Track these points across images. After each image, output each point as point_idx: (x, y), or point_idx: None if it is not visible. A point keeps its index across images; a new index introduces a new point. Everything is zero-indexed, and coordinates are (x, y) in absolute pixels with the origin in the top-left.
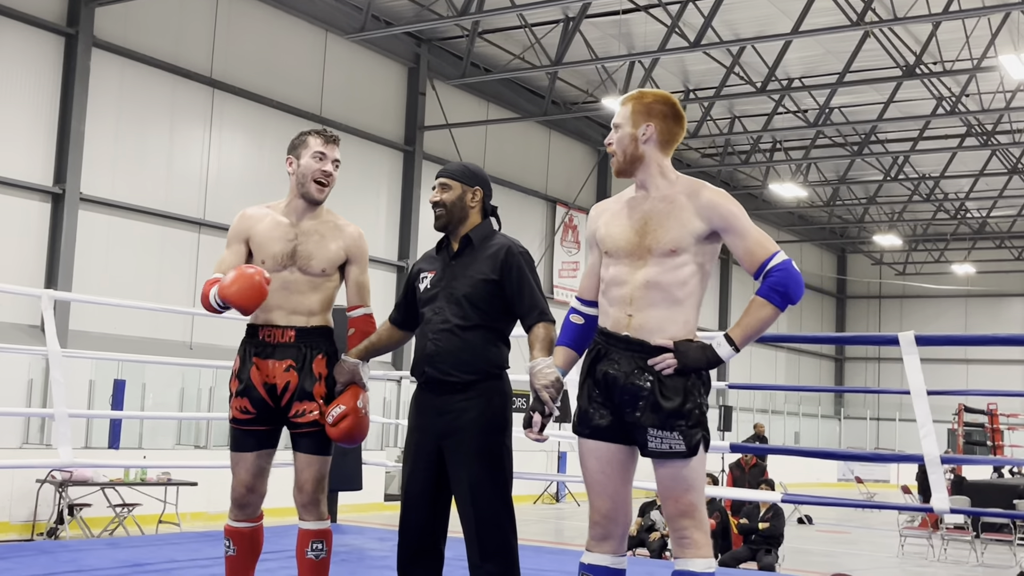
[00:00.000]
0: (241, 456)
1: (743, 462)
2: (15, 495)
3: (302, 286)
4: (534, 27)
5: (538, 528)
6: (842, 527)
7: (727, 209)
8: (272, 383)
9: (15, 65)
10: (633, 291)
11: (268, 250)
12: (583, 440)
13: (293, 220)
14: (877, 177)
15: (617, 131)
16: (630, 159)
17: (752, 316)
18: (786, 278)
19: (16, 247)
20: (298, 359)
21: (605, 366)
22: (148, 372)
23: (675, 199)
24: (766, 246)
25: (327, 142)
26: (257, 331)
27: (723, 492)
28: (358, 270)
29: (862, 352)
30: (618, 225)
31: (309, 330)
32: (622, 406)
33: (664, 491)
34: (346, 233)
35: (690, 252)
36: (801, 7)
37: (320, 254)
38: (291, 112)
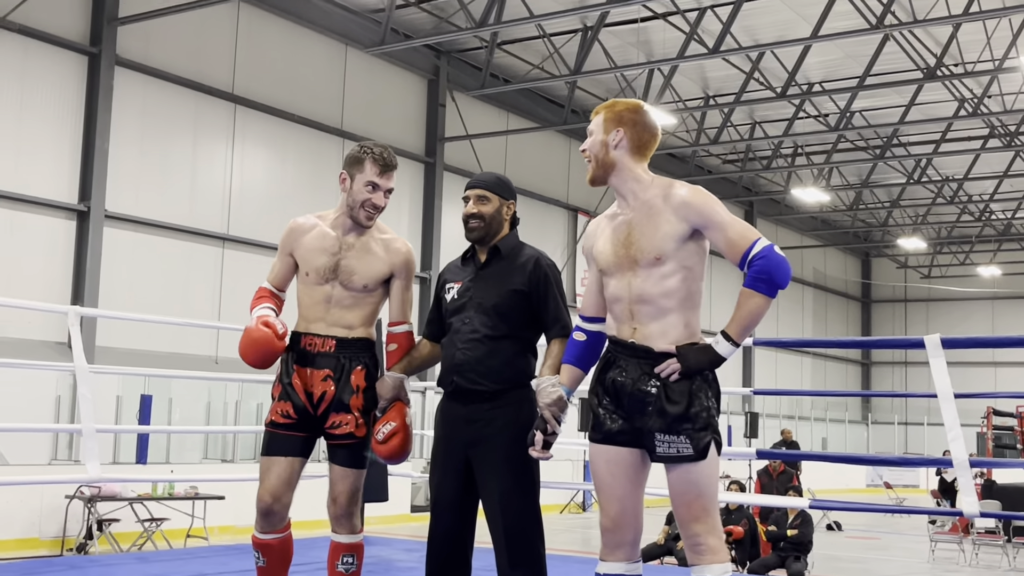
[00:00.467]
0: (273, 460)
1: (771, 468)
2: (44, 511)
3: (344, 300)
4: (552, 37)
5: (565, 537)
6: (872, 533)
7: (702, 203)
8: (310, 391)
9: (40, 85)
10: (631, 306)
11: (312, 263)
12: (594, 444)
13: (340, 234)
14: (900, 180)
15: (590, 139)
16: (602, 165)
17: (743, 309)
18: (768, 265)
19: (43, 265)
20: (336, 369)
21: (613, 373)
22: (174, 387)
23: (653, 204)
24: (746, 235)
25: (383, 172)
26: (300, 339)
27: (751, 499)
28: (402, 286)
29: (889, 356)
30: (605, 241)
31: (350, 341)
32: (632, 411)
33: (675, 496)
34: (393, 248)
35: (675, 258)
36: (820, 11)
37: (363, 270)
38: (312, 126)
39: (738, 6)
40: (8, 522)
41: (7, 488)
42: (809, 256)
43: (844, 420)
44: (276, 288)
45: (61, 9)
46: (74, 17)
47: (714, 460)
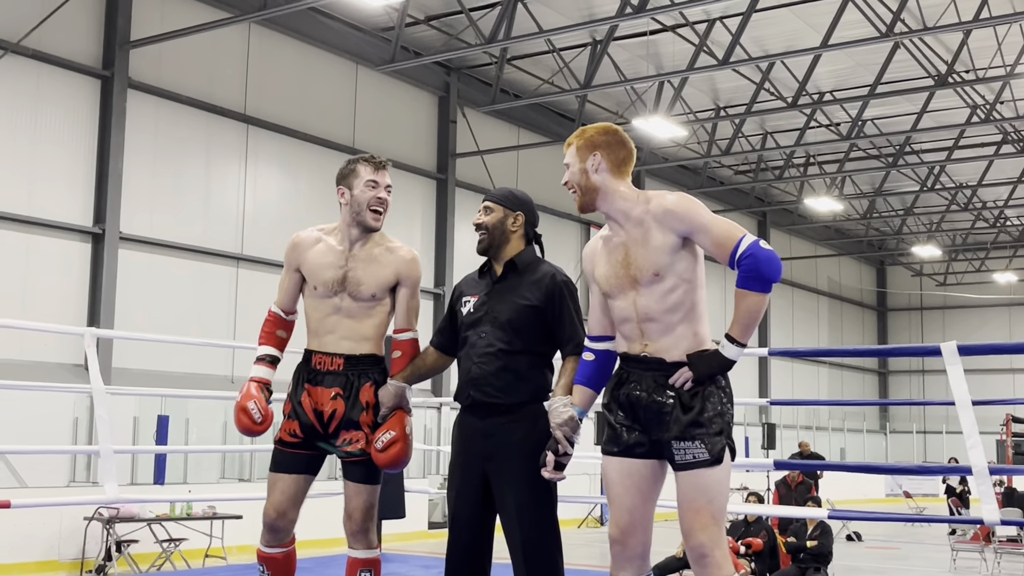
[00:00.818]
0: (280, 477)
1: (789, 479)
2: (63, 533)
3: (354, 311)
4: (562, 51)
5: (583, 552)
6: (892, 543)
7: (684, 209)
8: (320, 410)
9: (54, 109)
10: (640, 324)
11: (319, 277)
12: (608, 457)
13: (345, 246)
14: (913, 188)
15: (569, 169)
16: (587, 192)
17: (741, 309)
18: (755, 263)
19: (58, 287)
20: (345, 387)
21: (628, 388)
22: (191, 407)
23: (643, 220)
24: (732, 233)
25: (377, 169)
26: (311, 357)
27: (769, 510)
28: (408, 293)
29: (906, 365)
30: (605, 264)
31: (358, 358)
32: (649, 424)
33: (683, 502)
34: (398, 256)
35: (673, 271)
36: (829, 21)
37: (370, 280)
38: (324, 145)
39: (747, 17)
40: (28, 544)
41: (26, 510)
42: (823, 265)
43: (862, 430)
44: (285, 311)
45: (73, 33)
46: (86, 41)
47: (726, 468)
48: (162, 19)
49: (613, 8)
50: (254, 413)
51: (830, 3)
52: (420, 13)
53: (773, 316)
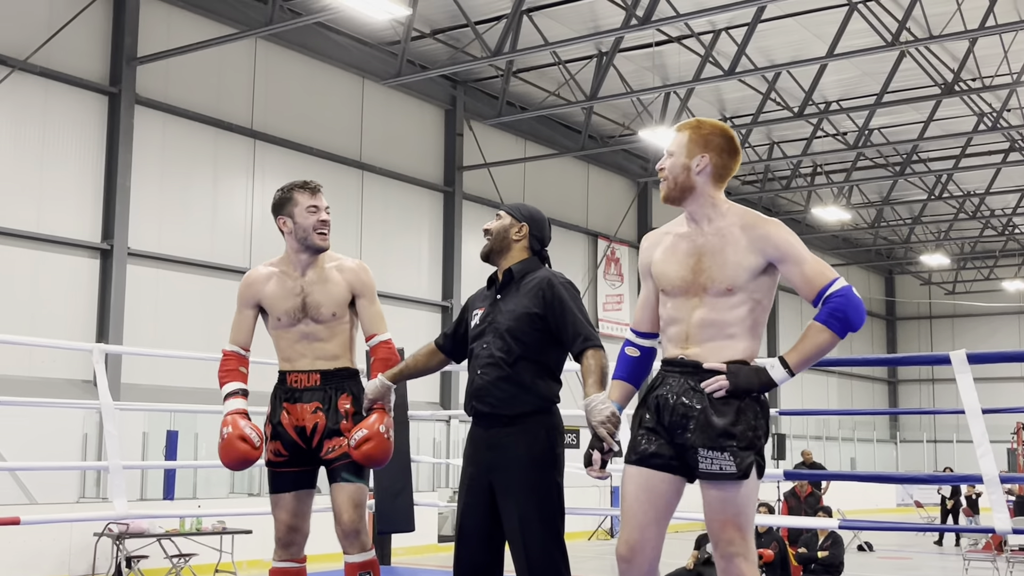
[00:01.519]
0: (279, 497)
1: (798, 490)
2: (74, 549)
3: (320, 333)
4: (568, 63)
5: (594, 564)
6: (904, 553)
7: (781, 239)
8: (301, 425)
9: (62, 125)
10: (688, 328)
11: (280, 308)
12: (628, 467)
13: (298, 273)
14: (921, 196)
15: (670, 158)
16: (681, 188)
17: (810, 341)
18: (846, 304)
19: (67, 303)
20: (324, 400)
21: (660, 391)
22: (200, 422)
23: (728, 233)
24: (825, 272)
25: (314, 194)
26: (285, 377)
27: (780, 520)
28: (366, 301)
29: (915, 374)
30: (672, 263)
31: (333, 372)
32: (673, 428)
33: (710, 515)
34: (346, 269)
35: (746, 290)
36: (835, 30)
37: (327, 300)
38: (332, 159)
39: (753, 27)
40: (38, 560)
41: (36, 527)
42: None
43: (872, 440)
44: (241, 348)
45: (81, 51)
46: (94, 58)
47: (754, 483)
48: (169, 35)
49: (618, 20)
50: (253, 438)
51: (836, 13)
52: (426, 27)
53: (782, 326)
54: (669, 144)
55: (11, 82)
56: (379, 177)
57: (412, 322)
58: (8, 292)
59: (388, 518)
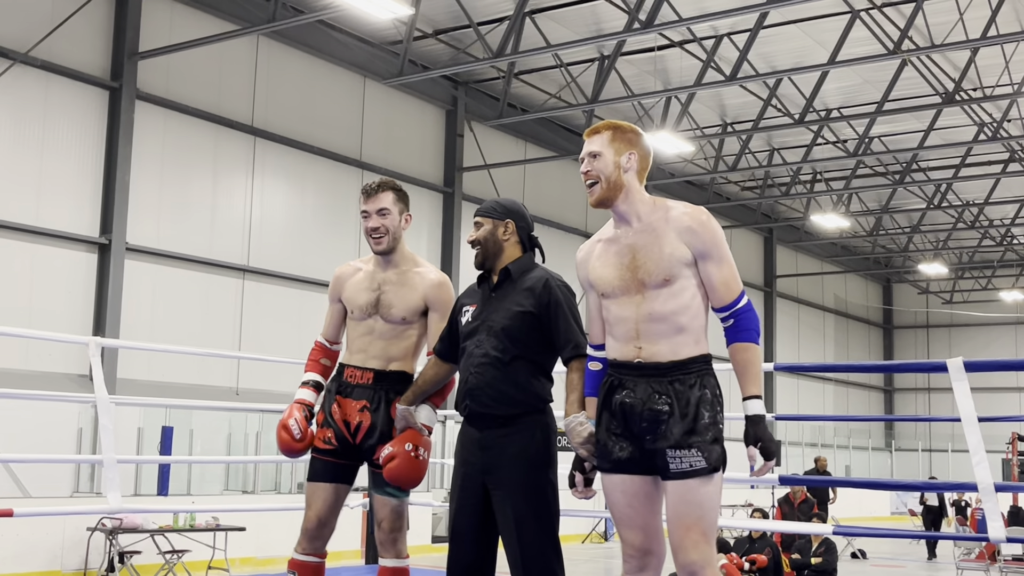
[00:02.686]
0: (318, 486)
1: (791, 497)
2: (66, 544)
3: (385, 333)
4: (569, 66)
5: (588, 568)
6: (898, 561)
7: (708, 234)
8: (348, 420)
9: (62, 119)
10: (637, 325)
11: (356, 301)
12: (606, 475)
13: (378, 272)
14: (920, 205)
15: (597, 159)
16: (613, 187)
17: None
18: (753, 317)
19: (64, 298)
20: (372, 400)
21: (620, 396)
22: (195, 418)
23: (656, 227)
24: (738, 280)
25: (367, 198)
26: (343, 370)
27: (774, 525)
28: (438, 317)
29: (912, 383)
30: (608, 265)
31: (387, 374)
32: (642, 434)
33: (674, 517)
34: (426, 280)
35: (683, 277)
36: (837, 37)
37: (400, 303)
38: (331, 158)
39: (755, 33)
40: (31, 554)
41: (29, 520)
42: (830, 282)
43: (867, 447)
44: (329, 341)
45: (82, 44)
46: (95, 52)
47: (719, 481)
48: (170, 31)
49: (621, 23)
50: (294, 430)
51: (838, 20)
52: (428, 27)
53: (779, 332)
54: (588, 147)
55: (12, 75)
56: (379, 176)
57: None
58: (5, 285)
59: None
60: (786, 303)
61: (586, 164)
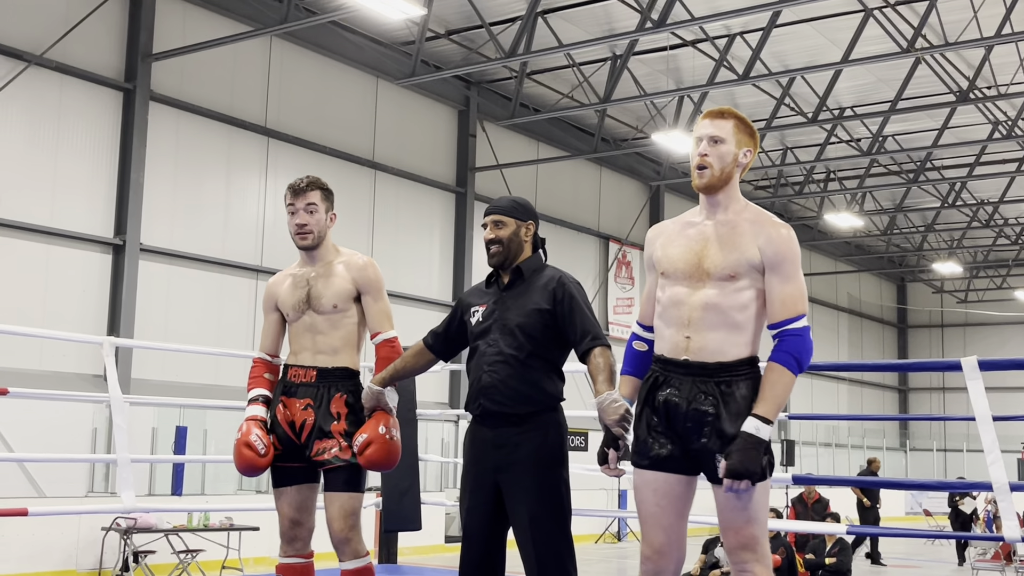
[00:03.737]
0: (280, 491)
1: (805, 497)
2: (81, 543)
3: (321, 325)
4: (582, 66)
5: (600, 568)
6: (912, 561)
7: (784, 248)
8: (293, 420)
9: (76, 121)
10: (691, 312)
11: (288, 303)
12: (640, 471)
13: (306, 269)
14: (934, 204)
15: (718, 145)
16: (725, 177)
17: (778, 386)
18: (802, 345)
19: (79, 298)
20: (316, 398)
21: (665, 394)
22: (209, 418)
23: (738, 224)
24: (801, 303)
25: (295, 194)
26: (287, 371)
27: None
28: (370, 299)
29: (926, 382)
30: (676, 246)
31: (330, 371)
32: (687, 434)
33: (725, 520)
34: (352, 265)
35: (749, 277)
36: (850, 36)
37: (328, 291)
38: (344, 158)
39: (767, 32)
40: (46, 554)
41: (44, 520)
42: (843, 281)
43: (882, 447)
44: (270, 355)
45: (96, 46)
46: (109, 54)
47: (767, 484)
48: (184, 32)
49: (633, 23)
50: (258, 445)
51: (851, 18)
52: (440, 27)
53: None
54: (712, 130)
55: (27, 76)
56: (391, 177)
57: (423, 322)
58: (21, 286)
59: (395, 517)
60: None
61: (705, 146)
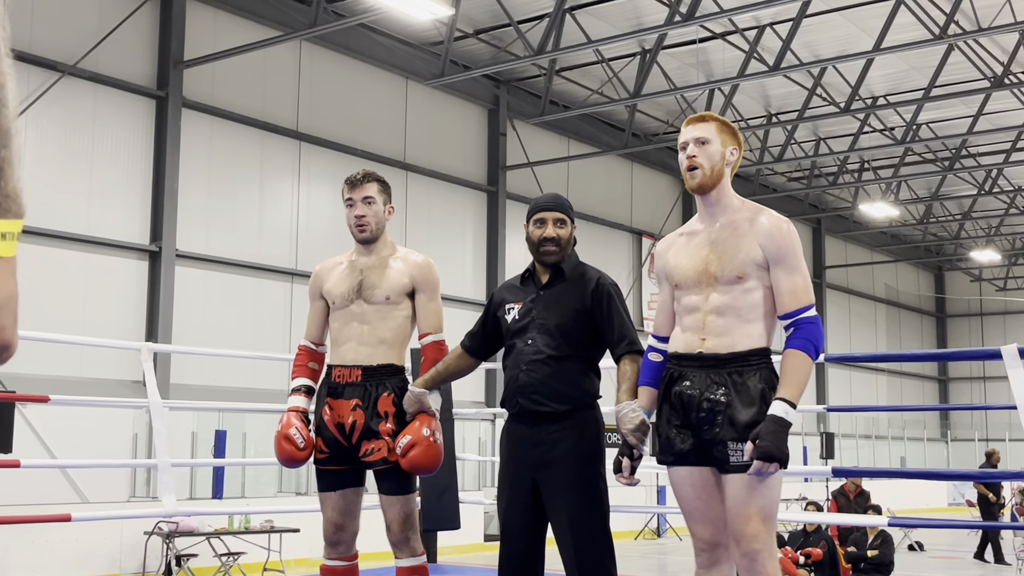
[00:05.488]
0: (326, 496)
1: (847, 489)
2: (124, 547)
3: (370, 316)
4: (611, 61)
5: (641, 564)
6: (955, 552)
7: (785, 241)
8: (341, 422)
9: (110, 129)
10: (705, 316)
11: (337, 290)
12: (672, 468)
13: (359, 260)
14: (971, 192)
15: (705, 146)
16: (715, 176)
17: (800, 372)
18: (817, 332)
19: (117, 305)
20: (364, 398)
21: (680, 387)
22: (248, 421)
23: (738, 226)
24: (808, 292)
25: (352, 187)
26: (331, 372)
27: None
28: (426, 298)
29: (967, 372)
30: (684, 256)
31: (375, 368)
32: (699, 424)
33: (736, 511)
34: (410, 261)
35: (756, 277)
36: (882, 24)
37: (383, 283)
38: (376, 160)
39: (797, 22)
40: (90, 559)
41: (88, 525)
42: (880, 272)
43: (923, 438)
44: (314, 343)
45: (128, 55)
46: (141, 62)
47: (781, 474)
48: (214, 39)
49: (662, 17)
50: (297, 439)
51: (882, 6)
52: (469, 27)
53: (830, 324)
54: (696, 132)
55: (61, 87)
56: (423, 177)
57: (457, 321)
58: (59, 294)
59: (434, 516)
60: (836, 294)
61: (693, 148)
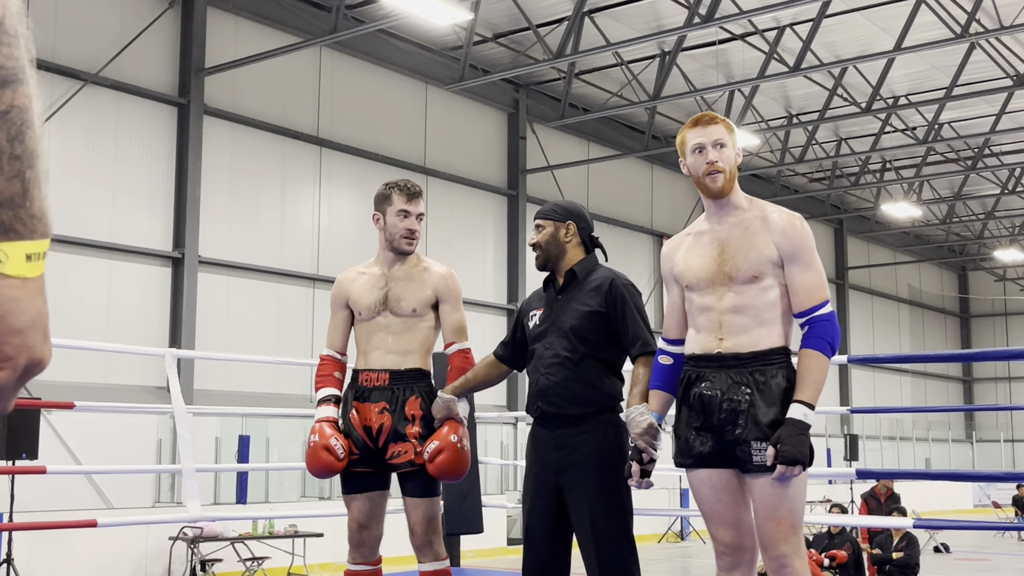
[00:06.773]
0: (351, 498)
1: (878, 492)
2: (149, 553)
3: (396, 327)
4: (630, 64)
5: (664, 567)
6: (982, 554)
7: (799, 238)
8: (369, 425)
9: (133, 136)
10: (721, 316)
11: (363, 302)
12: (691, 471)
13: (384, 269)
14: (994, 191)
15: (723, 150)
16: (732, 178)
17: (817, 372)
18: (832, 330)
19: (140, 312)
20: (391, 401)
21: (699, 388)
22: (271, 426)
23: (750, 224)
24: (823, 289)
25: (410, 199)
26: (357, 376)
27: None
28: (449, 308)
29: (991, 372)
30: (695, 256)
31: (402, 372)
32: (722, 425)
33: (762, 511)
34: (434, 273)
35: (772, 275)
36: (902, 24)
37: (409, 295)
38: (396, 165)
39: (818, 23)
40: (116, 564)
41: (113, 530)
42: (903, 272)
43: (947, 439)
44: (338, 352)
45: (150, 63)
46: (163, 70)
47: (806, 475)
48: (235, 46)
49: (681, 19)
50: (337, 449)
51: (903, 6)
52: (488, 31)
53: (853, 325)
54: (715, 135)
55: (84, 95)
56: (443, 182)
57: (478, 326)
58: (83, 300)
59: (457, 520)
60: (859, 295)
61: (715, 153)
